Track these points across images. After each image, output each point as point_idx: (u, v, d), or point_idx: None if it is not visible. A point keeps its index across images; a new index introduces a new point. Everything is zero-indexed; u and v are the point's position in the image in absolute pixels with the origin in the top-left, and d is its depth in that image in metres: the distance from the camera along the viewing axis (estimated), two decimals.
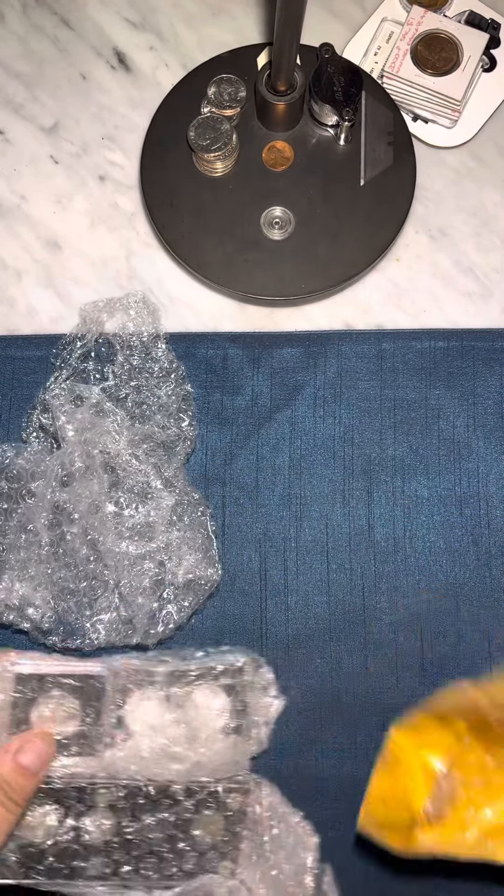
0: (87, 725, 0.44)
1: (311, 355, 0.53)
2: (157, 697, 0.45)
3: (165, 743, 0.43)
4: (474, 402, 0.52)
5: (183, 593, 0.47)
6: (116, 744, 0.44)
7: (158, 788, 0.44)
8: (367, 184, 0.53)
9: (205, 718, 0.44)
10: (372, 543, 0.51)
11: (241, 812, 0.44)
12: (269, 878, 0.42)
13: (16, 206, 0.57)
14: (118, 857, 0.43)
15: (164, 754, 0.43)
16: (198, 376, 0.53)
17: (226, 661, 0.46)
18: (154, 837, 0.44)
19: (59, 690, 0.44)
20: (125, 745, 0.44)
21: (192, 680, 0.45)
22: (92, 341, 0.51)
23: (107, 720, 0.44)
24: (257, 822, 0.44)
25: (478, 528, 0.51)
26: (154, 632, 0.47)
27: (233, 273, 0.52)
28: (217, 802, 0.44)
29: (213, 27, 0.59)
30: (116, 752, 0.44)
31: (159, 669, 0.45)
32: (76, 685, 0.45)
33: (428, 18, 0.55)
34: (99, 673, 0.45)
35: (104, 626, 0.47)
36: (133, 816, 0.44)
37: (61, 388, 0.48)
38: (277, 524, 0.51)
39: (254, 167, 0.54)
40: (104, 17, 0.60)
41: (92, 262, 0.56)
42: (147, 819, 0.44)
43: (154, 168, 0.54)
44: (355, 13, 0.59)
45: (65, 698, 0.44)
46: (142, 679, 0.45)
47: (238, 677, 0.45)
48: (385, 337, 0.53)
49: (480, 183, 0.57)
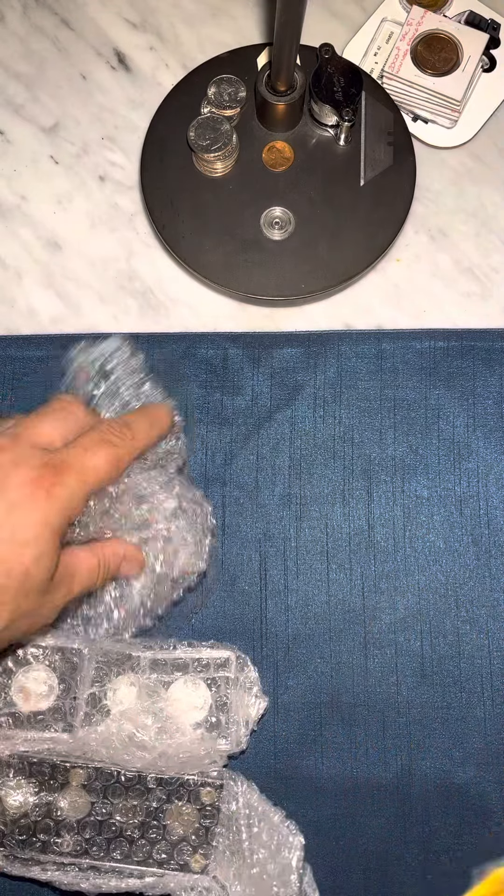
0: (62, 700, 0.44)
1: (311, 355, 0.53)
2: (134, 683, 0.45)
3: (132, 730, 0.44)
4: (474, 402, 0.52)
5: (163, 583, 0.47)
6: (90, 724, 0.44)
7: (131, 774, 0.44)
8: (367, 184, 0.53)
9: (180, 710, 0.45)
10: (372, 543, 0.51)
11: (213, 807, 0.44)
12: (248, 877, 0.42)
13: (16, 206, 0.57)
14: (89, 835, 0.44)
15: (132, 741, 0.43)
16: (198, 376, 0.53)
17: (211, 655, 0.46)
18: (125, 822, 0.44)
19: (38, 663, 0.45)
20: (97, 728, 0.44)
21: (173, 670, 0.45)
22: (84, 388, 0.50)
23: (81, 697, 0.45)
24: (232, 818, 0.44)
25: (478, 528, 0.51)
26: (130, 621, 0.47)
27: (233, 273, 0.52)
28: (189, 794, 0.44)
29: (213, 27, 0.59)
30: (89, 733, 0.44)
31: (141, 655, 0.45)
32: (54, 658, 0.45)
33: (428, 19, 0.55)
34: (78, 649, 0.45)
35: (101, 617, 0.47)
36: (105, 798, 0.44)
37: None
38: (277, 524, 0.51)
39: (254, 167, 0.54)
40: (104, 18, 0.60)
41: (92, 262, 0.56)
42: (119, 803, 0.44)
43: (154, 168, 0.54)
44: (355, 13, 0.59)
45: (42, 671, 0.45)
46: (122, 663, 0.45)
47: (221, 672, 0.45)
48: (385, 337, 0.53)
49: (480, 183, 0.57)
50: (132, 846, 0.44)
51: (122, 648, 0.46)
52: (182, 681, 0.45)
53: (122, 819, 0.44)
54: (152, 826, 0.44)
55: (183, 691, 0.45)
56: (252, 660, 0.47)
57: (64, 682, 0.45)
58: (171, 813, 0.44)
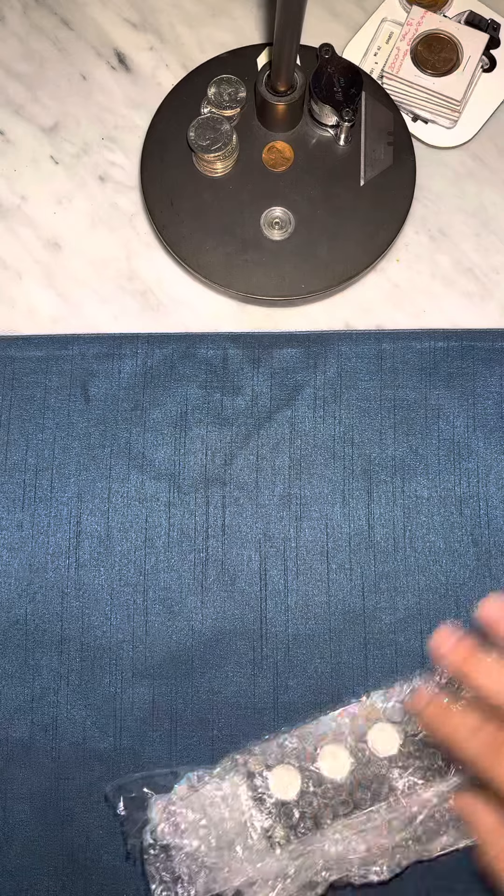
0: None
1: (311, 355, 0.53)
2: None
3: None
4: (474, 402, 0.52)
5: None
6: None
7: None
8: (367, 184, 0.53)
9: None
10: (372, 543, 0.51)
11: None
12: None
13: (16, 206, 0.57)
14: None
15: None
16: (198, 376, 0.53)
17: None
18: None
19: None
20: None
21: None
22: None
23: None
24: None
25: (478, 528, 0.51)
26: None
27: (233, 273, 0.52)
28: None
29: (213, 27, 0.59)
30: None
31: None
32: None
33: (428, 19, 0.55)
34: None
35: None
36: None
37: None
38: (277, 524, 0.51)
39: (254, 167, 0.54)
40: (104, 18, 0.60)
41: (92, 262, 0.56)
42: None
43: (154, 168, 0.54)
44: (355, 13, 0.59)
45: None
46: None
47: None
48: (385, 337, 0.54)
49: (480, 183, 0.57)
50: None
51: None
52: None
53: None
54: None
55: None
56: (252, 660, 0.47)
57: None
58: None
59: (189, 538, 0.51)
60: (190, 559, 0.51)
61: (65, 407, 0.53)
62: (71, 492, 0.51)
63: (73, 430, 0.52)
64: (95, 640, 0.50)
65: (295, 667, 0.49)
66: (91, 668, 0.49)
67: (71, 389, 0.53)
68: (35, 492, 0.51)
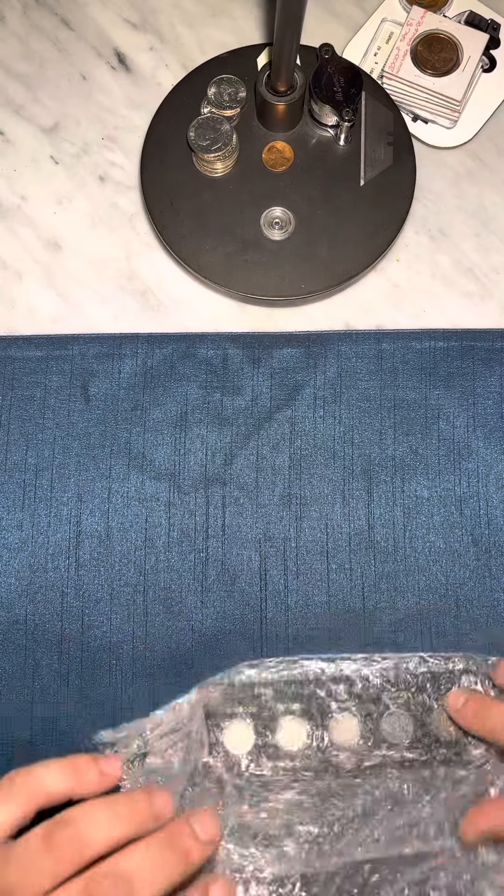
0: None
1: (311, 355, 0.53)
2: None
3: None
4: (474, 402, 0.52)
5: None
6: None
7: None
8: (367, 184, 0.53)
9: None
10: (372, 544, 0.51)
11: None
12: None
13: (16, 206, 0.57)
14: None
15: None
16: (198, 376, 0.53)
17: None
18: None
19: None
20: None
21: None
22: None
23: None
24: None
25: (478, 528, 0.51)
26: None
27: (233, 273, 0.52)
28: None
29: (213, 27, 0.59)
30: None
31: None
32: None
33: (428, 19, 0.55)
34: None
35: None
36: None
37: None
38: (277, 524, 0.51)
39: (254, 167, 0.54)
40: (104, 18, 0.60)
41: (92, 262, 0.56)
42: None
43: (154, 168, 0.54)
44: (355, 13, 0.59)
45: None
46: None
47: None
48: (385, 337, 0.54)
49: (480, 183, 0.57)
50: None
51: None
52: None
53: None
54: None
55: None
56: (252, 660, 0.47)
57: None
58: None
59: (189, 538, 0.51)
60: (190, 559, 0.51)
61: (65, 407, 0.53)
62: (71, 492, 0.51)
63: (73, 430, 0.52)
64: (95, 640, 0.50)
65: None
66: (91, 668, 0.49)
67: (71, 389, 0.53)
68: (35, 492, 0.51)
